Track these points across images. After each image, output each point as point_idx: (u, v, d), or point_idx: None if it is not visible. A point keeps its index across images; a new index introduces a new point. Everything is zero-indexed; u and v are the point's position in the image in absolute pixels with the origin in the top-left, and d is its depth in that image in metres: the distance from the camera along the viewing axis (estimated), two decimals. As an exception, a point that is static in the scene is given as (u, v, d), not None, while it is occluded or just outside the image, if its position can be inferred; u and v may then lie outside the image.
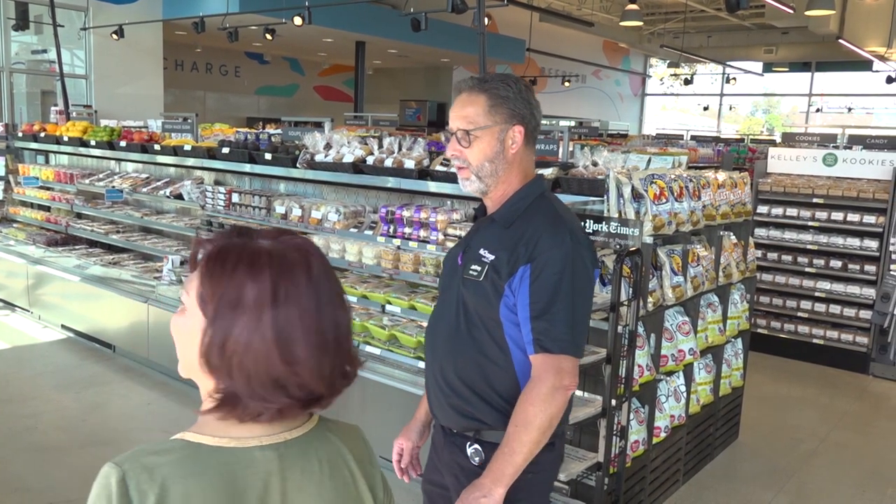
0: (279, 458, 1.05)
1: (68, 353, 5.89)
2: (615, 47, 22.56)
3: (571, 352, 1.81)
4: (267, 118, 14.75)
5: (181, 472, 0.99)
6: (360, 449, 1.19)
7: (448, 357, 1.99)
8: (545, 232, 1.84)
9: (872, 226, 6.18)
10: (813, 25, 13.55)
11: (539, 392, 1.78)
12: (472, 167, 1.90)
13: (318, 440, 1.12)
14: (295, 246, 1.09)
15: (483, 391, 1.92)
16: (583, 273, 1.84)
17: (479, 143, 1.88)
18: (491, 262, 1.88)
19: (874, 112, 22.74)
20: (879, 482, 4.33)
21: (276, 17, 10.64)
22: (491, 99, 1.87)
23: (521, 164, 1.93)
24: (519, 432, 1.78)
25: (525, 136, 1.90)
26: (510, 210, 1.91)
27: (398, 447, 2.19)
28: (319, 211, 4.54)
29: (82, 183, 6.75)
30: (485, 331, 1.91)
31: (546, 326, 1.79)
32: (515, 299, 1.84)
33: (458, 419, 1.98)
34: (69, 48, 11.01)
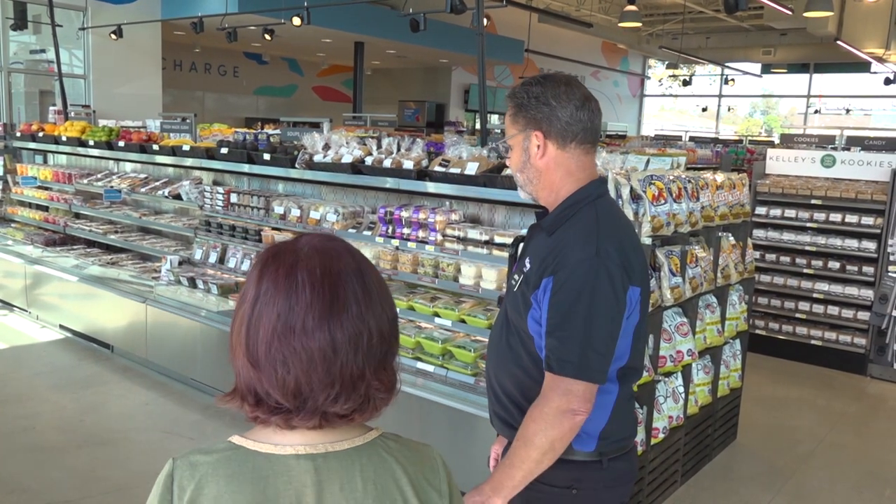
0: (315, 469, 1.03)
1: (66, 353, 5.88)
2: (614, 48, 22.57)
3: (580, 375, 1.67)
4: (265, 118, 14.75)
5: (218, 472, 1.01)
6: (425, 472, 1.11)
7: (493, 366, 1.96)
8: (575, 244, 1.73)
9: (870, 227, 6.18)
10: (811, 27, 13.57)
11: (542, 410, 1.70)
12: (514, 176, 1.91)
13: (368, 457, 1.07)
14: (302, 248, 1.08)
15: (521, 403, 1.86)
16: (606, 291, 1.69)
17: (513, 154, 1.86)
18: (526, 272, 1.81)
19: (872, 113, 22.77)
20: (877, 483, 4.33)
21: (274, 18, 10.64)
22: (513, 108, 1.83)
23: (560, 169, 1.81)
24: (519, 447, 1.72)
25: (553, 139, 1.79)
26: (556, 217, 1.82)
27: (494, 452, 2.12)
28: (318, 211, 4.54)
29: (80, 183, 6.74)
30: (520, 342, 1.86)
31: (556, 345, 1.70)
32: (540, 312, 1.76)
33: (504, 428, 1.95)
34: (68, 48, 11.00)
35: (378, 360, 1.06)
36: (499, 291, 3.62)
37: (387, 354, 1.08)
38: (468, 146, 4.22)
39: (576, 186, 1.81)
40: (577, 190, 1.81)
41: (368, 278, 1.08)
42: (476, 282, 3.83)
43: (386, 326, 1.08)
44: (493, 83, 19.13)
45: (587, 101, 1.81)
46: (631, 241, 1.83)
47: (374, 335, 1.05)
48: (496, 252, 3.72)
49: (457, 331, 3.98)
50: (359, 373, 1.04)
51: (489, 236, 3.78)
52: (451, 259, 3.96)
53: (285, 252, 1.07)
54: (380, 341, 1.06)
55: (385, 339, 1.07)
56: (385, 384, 1.08)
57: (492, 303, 3.87)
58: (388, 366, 1.09)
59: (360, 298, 1.05)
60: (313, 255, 1.06)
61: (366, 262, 1.11)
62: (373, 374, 1.06)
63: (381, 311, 1.07)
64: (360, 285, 1.06)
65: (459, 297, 4.08)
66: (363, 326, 1.04)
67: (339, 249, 1.09)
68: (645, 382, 3.19)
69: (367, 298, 1.06)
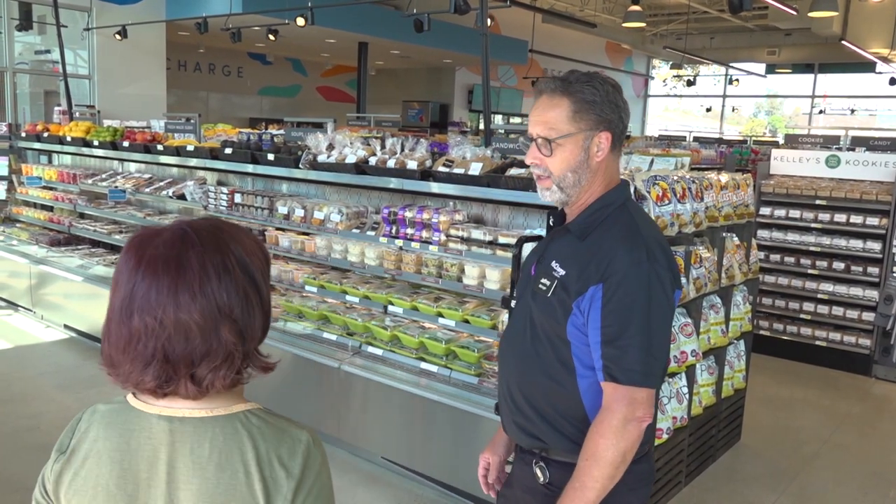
0: (171, 431, 1.14)
1: (71, 353, 5.89)
2: (618, 48, 22.55)
3: (644, 383, 1.66)
4: (269, 119, 14.79)
5: (104, 420, 1.18)
6: (279, 451, 1.15)
7: (514, 372, 1.89)
8: (620, 248, 1.69)
9: (875, 227, 6.17)
10: (816, 27, 13.53)
11: (610, 424, 1.66)
12: (553, 177, 1.77)
13: (221, 427, 1.15)
14: (163, 230, 1.17)
15: (546, 412, 1.82)
16: (660, 297, 1.69)
17: (562, 152, 1.74)
18: (560, 277, 1.75)
19: (877, 114, 22.70)
20: (881, 484, 4.32)
21: (278, 18, 10.66)
22: (575, 103, 1.73)
23: (606, 172, 1.79)
24: (590, 467, 1.66)
25: (612, 143, 1.77)
26: (587, 220, 1.77)
27: (484, 461, 2.07)
28: (322, 211, 4.54)
29: (85, 183, 6.76)
30: (550, 348, 1.79)
31: (617, 354, 1.66)
32: (585, 319, 1.71)
33: (522, 437, 1.90)
34: (72, 48, 11.03)
35: (208, 341, 1.12)
36: (502, 292, 3.62)
37: (220, 335, 1.12)
38: (472, 146, 4.21)
39: (602, 189, 1.79)
40: (606, 193, 1.79)
41: (213, 259, 1.13)
42: (480, 282, 3.83)
43: (214, 310, 1.12)
44: (496, 83, 19.13)
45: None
46: (667, 244, 1.83)
47: (197, 319, 1.11)
48: (500, 252, 3.72)
49: (460, 331, 3.98)
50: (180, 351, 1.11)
51: (493, 237, 3.78)
52: (454, 259, 3.96)
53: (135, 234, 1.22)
54: (209, 322, 1.11)
55: (215, 319, 1.12)
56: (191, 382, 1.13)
57: (495, 303, 3.87)
58: (222, 346, 1.13)
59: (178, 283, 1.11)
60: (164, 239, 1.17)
61: (221, 242, 1.16)
62: (201, 355, 1.12)
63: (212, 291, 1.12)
64: (198, 267, 1.12)
65: (463, 298, 4.08)
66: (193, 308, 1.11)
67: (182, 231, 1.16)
68: (649, 383, 3.19)
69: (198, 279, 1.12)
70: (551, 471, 1.83)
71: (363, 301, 4.31)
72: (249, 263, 1.17)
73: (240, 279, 1.14)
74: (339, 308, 4.54)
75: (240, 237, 1.19)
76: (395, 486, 3.93)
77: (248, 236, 1.22)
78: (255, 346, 1.19)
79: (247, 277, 1.16)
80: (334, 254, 4.49)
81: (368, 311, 4.47)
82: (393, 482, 3.97)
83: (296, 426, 1.19)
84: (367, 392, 4.07)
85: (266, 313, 1.20)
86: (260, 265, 1.20)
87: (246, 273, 1.16)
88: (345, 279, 4.54)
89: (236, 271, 1.14)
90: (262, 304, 1.18)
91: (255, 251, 1.20)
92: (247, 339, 1.15)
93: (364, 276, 4.57)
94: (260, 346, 1.21)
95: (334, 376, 4.18)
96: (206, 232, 1.16)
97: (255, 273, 1.17)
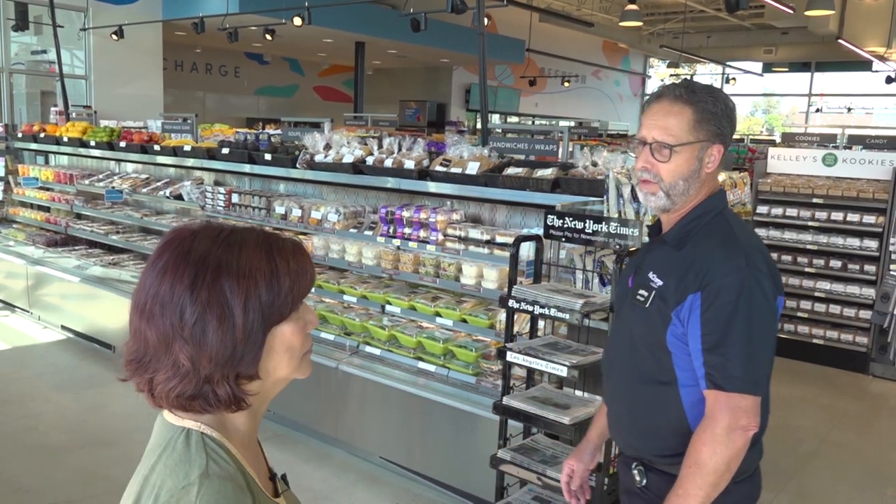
0: (155, 422, 1.13)
1: (68, 354, 5.88)
2: (615, 47, 22.55)
3: (748, 390, 1.64)
4: (266, 119, 14.76)
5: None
6: (163, 480, 1.04)
7: (617, 381, 1.91)
8: (718, 256, 1.69)
9: (872, 226, 6.18)
10: (812, 26, 13.55)
11: (714, 432, 1.64)
12: (663, 183, 1.75)
13: (162, 433, 1.10)
14: (187, 229, 1.11)
15: (648, 422, 1.82)
16: (761, 303, 1.67)
17: (677, 160, 1.74)
18: (658, 288, 1.75)
19: (874, 112, 22.73)
20: (879, 482, 4.33)
21: (275, 18, 10.64)
22: (698, 113, 1.73)
23: (710, 182, 1.80)
24: (693, 474, 1.65)
25: (722, 155, 1.79)
26: (683, 230, 1.78)
27: (568, 468, 2.07)
28: (319, 211, 4.54)
29: (82, 183, 6.74)
30: (651, 358, 1.79)
31: (719, 361, 1.65)
32: (685, 329, 1.70)
33: (626, 447, 1.93)
34: (69, 49, 11.00)
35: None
36: (500, 291, 3.62)
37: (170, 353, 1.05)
38: (469, 146, 4.22)
39: (702, 199, 1.79)
40: (703, 202, 1.79)
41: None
42: (477, 281, 3.83)
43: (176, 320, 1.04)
44: (493, 83, 19.12)
45: None
46: (766, 251, 1.82)
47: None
48: (497, 252, 3.72)
49: (458, 330, 3.98)
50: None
51: (490, 236, 3.78)
52: (452, 259, 3.96)
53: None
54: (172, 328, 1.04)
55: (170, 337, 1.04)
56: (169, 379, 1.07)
57: (493, 302, 3.87)
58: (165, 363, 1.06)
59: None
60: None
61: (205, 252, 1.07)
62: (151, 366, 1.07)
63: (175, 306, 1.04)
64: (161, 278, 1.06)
65: (461, 297, 4.08)
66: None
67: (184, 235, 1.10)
68: (646, 382, 3.20)
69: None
70: (650, 476, 1.83)
71: (361, 301, 4.31)
72: (233, 287, 1.04)
73: (202, 299, 1.02)
74: (336, 308, 4.54)
75: (249, 255, 1.07)
76: (393, 486, 3.93)
77: (267, 258, 1.08)
78: (227, 376, 1.05)
79: (216, 300, 1.03)
80: (332, 253, 4.49)
81: (366, 311, 4.46)
82: (391, 482, 3.97)
83: (199, 467, 1.03)
84: (365, 392, 4.07)
85: (245, 345, 1.05)
86: (254, 291, 1.05)
87: (218, 295, 1.03)
88: (342, 279, 4.54)
89: (203, 290, 1.03)
90: (235, 334, 1.04)
91: (257, 275, 1.06)
92: (200, 363, 1.03)
93: (361, 275, 4.57)
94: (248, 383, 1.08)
95: (332, 376, 4.18)
96: (209, 239, 1.07)
97: (232, 299, 1.03)
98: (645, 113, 1.80)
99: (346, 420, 4.19)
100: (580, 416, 2.75)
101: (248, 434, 1.15)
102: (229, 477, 1.04)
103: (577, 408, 2.81)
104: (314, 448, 4.33)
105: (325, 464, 4.15)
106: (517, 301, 2.86)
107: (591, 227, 2.91)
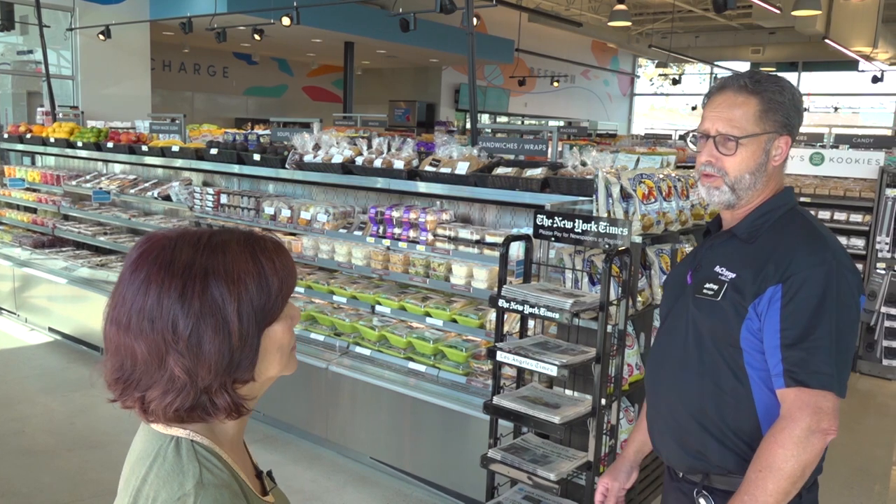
0: (139, 431, 1.13)
1: (55, 356, 5.84)
2: (604, 47, 22.63)
3: (835, 388, 1.53)
4: (255, 119, 14.71)
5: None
6: (157, 492, 1.03)
7: (674, 387, 1.76)
8: (801, 248, 1.59)
9: (859, 224, 6.22)
10: (799, 25, 13.63)
11: (792, 433, 1.52)
12: (727, 177, 1.67)
13: (148, 443, 1.08)
14: (164, 236, 1.09)
15: (714, 427, 1.68)
16: (848, 298, 1.57)
17: (744, 152, 1.66)
18: (731, 280, 1.64)
19: (860, 111, 22.91)
20: (867, 479, 4.36)
21: (264, 18, 10.61)
22: (764, 103, 1.65)
23: (778, 176, 1.71)
24: (764, 478, 1.52)
25: (790, 147, 1.71)
26: (754, 223, 1.69)
27: (603, 487, 1.97)
28: (308, 212, 4.53)
29: (69, 184, 6.70)
30: (720, 357, 1.67)
31: (803, 356, 1.53)
32: (761, 323, 1.59)
33: (684, 458, 1.74)
34: (55, 49, 10.94)
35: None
36: (490, 291, 3.62)
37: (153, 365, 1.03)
38: (458, 146, 4.22)
39: (770, 194, 1.72)
40: (773, 197, 1.71)
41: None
42: (467, 281, 3.83)
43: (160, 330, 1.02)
44: (483, 83, 19.14)
45: None
46: (845, 249, 1.74)
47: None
48: (487, 251, 3.72)
49: (448, 330, 3.98)
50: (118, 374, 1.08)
51: (480, 236, 3.78)
52: (442, 259, 3.96)
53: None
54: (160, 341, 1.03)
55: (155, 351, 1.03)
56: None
57: (483, 302, 3.87)
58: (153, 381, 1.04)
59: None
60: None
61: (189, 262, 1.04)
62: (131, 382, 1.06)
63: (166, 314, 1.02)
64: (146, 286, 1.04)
65: (451, 297, 4.08)
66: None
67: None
68: (636, 380, 3.20)
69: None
70: (716, 501, 1.70)
71: (351, 301, 4.31)
72: (224, 293, 1.02)
73: (195, 309, 1.00)
74: (326, 308, 4.53)
75: (235, 259, 1.05)
76: (383, 486, 3.92)
77: (252, 260, 1.06)
78: (223, 384, 1.04)
79: (209, 308, 1.01)
80: (321, 254, 4.48)
81: (356, 312, 4.46)
82: (381, 482, 3.96)
83: (193, 476, 1.02)
84: (356, 392, 4.06)
85: (243, 350, 1.04)
86: (245, 295, 1.04)
87: (210, 303, 1.01)
88: (332, 279, 4.53)
89: (194, 300, 1.00)
90: (231, 340, 1.02)
91: (246, 278, 1.04)
92: (198, 375, 1.01)
93: (351, 276, 4.56)
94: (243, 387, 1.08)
95: (322, 377, 4.17)
96: (191, 246, 1.04)
97: (225, 305, 1.02)
98: (707, 105, 1.73)
99: (336, 421, 4.19)
100: (570, 416, 2.75)
101: (236, 436, 1.15)
102: (224, 484, 1.03)
103: (567, 407, 2.82)
104: (304, 449, 4.32)
105: (314, 465, 4.14)
106: (507, 301, 2.87)
107: (580, 226, 2.92)
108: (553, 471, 2.72)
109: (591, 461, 2.82)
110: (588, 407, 2.82)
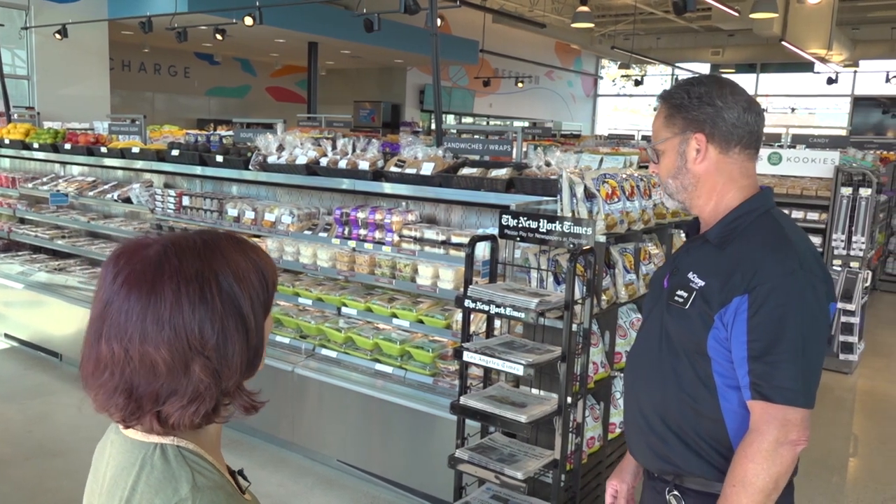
0: (111, 442, 1.12)
1: (12, 363, 5.70)
2: (567, 48, 22.83)
3: (799, 402, 1.54)
4: (218, 120, 14.52)
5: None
6: (152, 501, 1.02)
7: (646, 390, 1.77)
8: (768, 256, 1.57)
9: (816, 222, 6.37)
10: (757, 28, 13.92)
11: (760, 447, 1.53)
12: (661, 183, 1.77)
13: (129, 453, 1.06)
14: (150, 243, 1.08)
15: (683, 433, 1.69)
16: (814, 308, 1.56)
17: (664, 158, 1.73)
18: (700, 288, 1.63)
19: (816, 112, 23.48)
20: (824, 471, 4.47)
21: (226, 17, 10.49)
22: (669, 108, 1.70)
23: (722, 175, 1.68)
24: (738, 493, 1.54)
25: (716, 143, 1.66)
26: (726, 228, 1.66)
27: (612, 489, 1.98)
28: (273, 213, 4.49)
29: (25, 187, 6.54)
30: (688, 364, 1.67)
31: (767, 370, 1.53)
32: (728, 333, 1.59)
33: (655, 460, 1.76)
34: (10, 48, 10.67)
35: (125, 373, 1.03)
36: (456, 291, 3.62)
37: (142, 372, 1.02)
38: (424, 146, 4.22)
39: (741, 195, 1.68)
40: (747, 199, 1.68)
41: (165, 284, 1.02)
42: (433, 282, 3.83)
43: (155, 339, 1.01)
44: (447, 83, 19.18)
45: (753, 104, 1.68)
46: (818, 254, 1.71)
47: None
48: (453, 252, 3.73)
49: (415, 331, 3.98)
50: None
51: (446, 236, 3.79)
52: (408, 260, 3.95)
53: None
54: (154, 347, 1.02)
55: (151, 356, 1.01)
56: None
57: (449, 303, 3.88)
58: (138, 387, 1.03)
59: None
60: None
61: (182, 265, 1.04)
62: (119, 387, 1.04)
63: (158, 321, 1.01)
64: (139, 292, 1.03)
65: (417, 298, 4.08)
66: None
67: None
68: (601, 378, 3.23)
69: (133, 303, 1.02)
70: (687, 501, 1.71)
71: (316, 303, 4.28)
72: (238, 291, 1.05)
73: (218, 310, 1.02)
74: (291, 311, 4.49)
75: (233, 258, 1.07)
76: (351, 489, 3.91)
77: (245, 256, 1.09)
78: (238, 383, 1.07)
79: (229, 308, 1.04)
80: (286, 256, 4.44)
81: (322, 314, 4.43)
82: (349, 485, 3.94)
83: (187, 481, 1.02)
84: (322, 395, 4.03)
85: (255, 347, 1.08)
86: (253, 291, 1.07)
87: (229, 303, 1.04)
88: (297, 281, 4.50)
89: (215, 301, 1.02)
90: (248, 338, 1.06)
91: (249, 275, 1.07)
92: (223, 377, 1.03)
93: (317, 277, 4.53)
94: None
95: (288, 380, 4.14)
96: (191, 251, 1.05)
97: (241, 303, 1.05)
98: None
99: (302, 424, 4.15)
100: (536, 414, 2.77)
101: (216, 439, 1.16)
102: (218, 486, 1.04)
103: (534, 406, 2.83)
104: (271, 453, 4.27)
105: (281, 468, 4.10)
106: (473, 301, 2.87)
107: (545, 226, 2.94)
108: (520, 470, 2.73)
109: (558, 459, 2.84)
110: (554, 405, 2.84)
